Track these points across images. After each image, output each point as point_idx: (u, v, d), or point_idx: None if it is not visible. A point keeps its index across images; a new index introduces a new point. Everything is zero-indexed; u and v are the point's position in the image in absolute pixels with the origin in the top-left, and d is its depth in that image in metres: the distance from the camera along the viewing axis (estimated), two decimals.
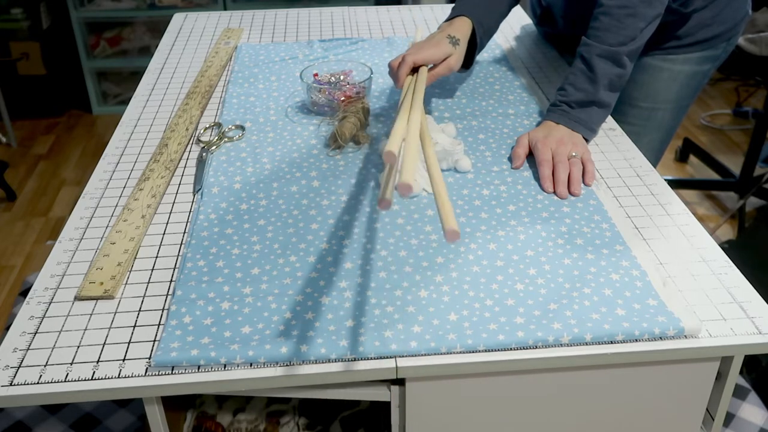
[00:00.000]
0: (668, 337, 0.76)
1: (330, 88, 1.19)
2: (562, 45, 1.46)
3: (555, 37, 1.49)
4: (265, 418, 1.00)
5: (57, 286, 0.83)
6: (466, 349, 0.74)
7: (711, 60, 1.29)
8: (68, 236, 0.92)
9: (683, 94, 1.31)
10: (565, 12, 1.33)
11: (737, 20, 1.26)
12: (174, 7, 2.95)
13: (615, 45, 1.06)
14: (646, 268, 0.84)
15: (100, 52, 3.08)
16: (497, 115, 1.19)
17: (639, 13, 1.05)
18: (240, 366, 0.72)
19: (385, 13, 1.68)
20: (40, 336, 0.76)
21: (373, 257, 0.86)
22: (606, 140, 1.14)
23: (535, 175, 1.03)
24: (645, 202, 0.98)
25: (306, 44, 1.49)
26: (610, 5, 1.06)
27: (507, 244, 0.88)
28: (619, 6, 1.05)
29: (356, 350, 0.73)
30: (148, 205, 0.96)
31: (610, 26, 1.06)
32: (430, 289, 0.81)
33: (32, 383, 0.70)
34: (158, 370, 0.71)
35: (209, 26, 1.60)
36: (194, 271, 0.84)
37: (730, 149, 2.89)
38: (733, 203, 2.51)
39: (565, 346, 0.75)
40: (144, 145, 1.12)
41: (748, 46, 2.45)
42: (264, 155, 1.08)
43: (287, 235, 0.90)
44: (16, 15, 2.88)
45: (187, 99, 1.25)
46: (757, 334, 0.76)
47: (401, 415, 0.80)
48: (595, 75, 1.07)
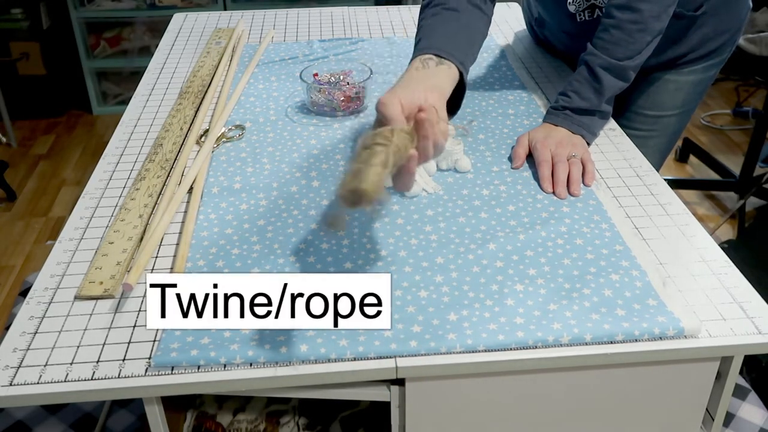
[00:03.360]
0: (668, 337, 0.76)
1: (330, 88, 1.19)
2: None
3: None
4: (265, 418, 1.00)
5: (57, 286, 0.83)
6: (466, 349, 0.74)
7: (716, 65, 1.29)
8: (68, 236, 0.92)
9: (690, 100, 1.31)
10: (567, 49, 1.33)
11: (740, 22, 1.25)
12: (174, 7, 2.95)
13: (622, 59, 1.05)
14: (646, 268, 0.84)
15: (100, 52, 3.08)
16: (497, 115, 1.19)
17: (648, 28, 1.05)
18: (240, 366, 0.72)
19: (385, 13, 1.68)
20: (40, 336, 0.76)
21: (373, 257, 0.86)
22: (606, 140, 1.14)
23: (535, 175, 1.03)
24: (645, 202, 0.98)
25: (306, 44, 1.49)
26: (623, 19, 1.05)
27: (507, 245, 0.88)
28: (631, 21, 1.04)
29: (356, 350, 0.73)
30: (145, 205, 0.96)
31: (620, 40, 1.05)
32: (430, 289, 0.81)
33: (32, 383, 0.70)
34: (158, 370, 0.71)
35: (209, 26, 1.60)
36: (194, 271, 0.84)
37: (730, 149, 2.89)
38: (733, 203, 2.51)
39: (565, 346, 0.75)
40: (144, 145, 1.12)
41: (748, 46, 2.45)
42: (264, 155, 1.08)
43: (287, 235, 0.90)
44: (16, 15, 2.88)
45: (180, 99, 1.25)
46: (757, 334, 0.76)
47: (401, 415, 0.80)
48: (601, 87, 1.06)
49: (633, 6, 1.04)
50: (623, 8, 1.05)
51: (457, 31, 1.04)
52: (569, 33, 1.29)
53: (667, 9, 1.05)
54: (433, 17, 1.07)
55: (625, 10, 1.04)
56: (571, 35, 1.29)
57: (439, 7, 1.09)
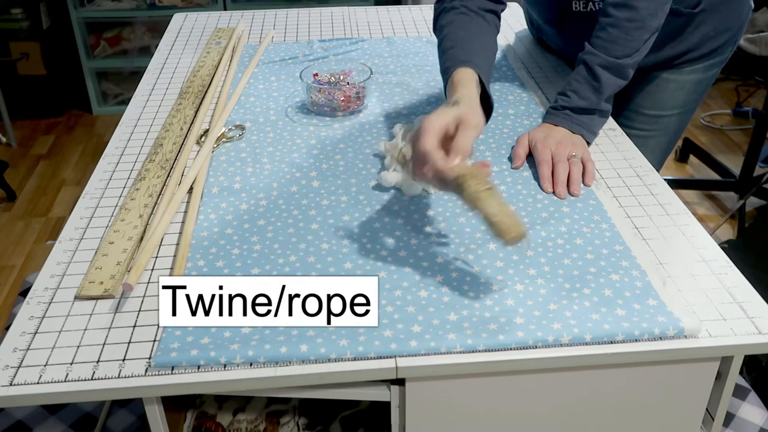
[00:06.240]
0: (668, 337, 0.76)
1: (330, 88, 1.19)
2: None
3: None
4: (265, 418, 1.00)
5: (57, 286, 0.83)
6: (466, 349, 0.74)
7: (718, 65, 1.28)
8: (68, 236, 0.92)
9: (690, 99, 1.31)
10: (563, 49, 1.33)
11: (741, 22, 1.25)
12: (174, 7, 2.95)
13: (621, 57, 1.05)
14: (646, 268, 0.84)
15: (100, 52, 3.08)
16: (497, 115, 1.19)
17: (646, 26, 1.05)
18: (240, 366, 0.72)
19: (385, 13, 1.68)
20: (40, 336, 0.76)
21: (373, 257, 0.86)
22: (606, 140, 1.14)
23: (535, 175, 1.03)
24: (645, 202, 0.98)
25: (306, 44, 1.49)
26: (620, 17, 1.05)
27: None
28: (628, 19, 1.04)
29: (356, 350, 0.73)
30: (145, 205, 0.96)
31: (617, 38, 1.05)
32: (430, 290, 0.81)
33: (32, 383, 0.70)
34: (158, 370, 0.71)
35: (209, 26, 1.60)
36: (194, 271, 0.84)
37: (730, 149, 2.89)
38: (733, 203, 2.51)
39: (565, 346, 0.75)
40: (144, 145, 1.12)
41: (748, 46, 2.45)
42: (264, 155, 1.08)
43: (287, 235, 0.90)
44: (16, 15, 2.88)
45: (180, 99, 1.25)
46: (757, 334, 0.76)
47: (401, 415, 0.80)
48: (600, 85, 1.06)
49: (630, 4, 1.04)
50: (620, 6, 1.05)
51: (487, 46, 1.11)
52: (563, 30, 1.29)
53: (663, 6, 1.06)
54: (461, 16, 1.11)
55: (622, 8, 1.04)
56: (566, 33, 1.29)
57: (456, 12, 1.12)
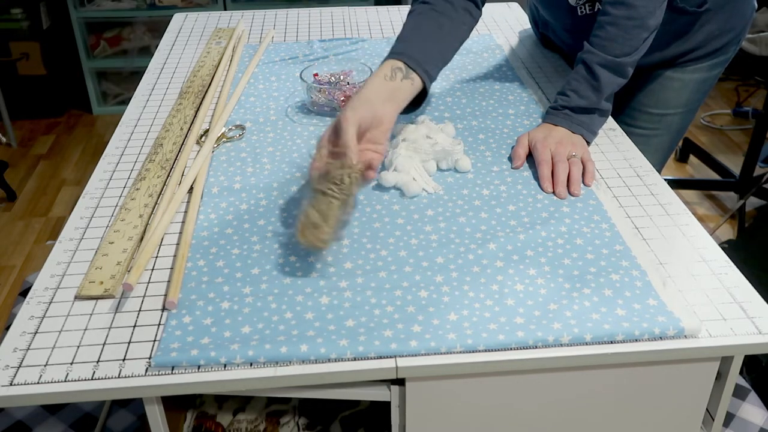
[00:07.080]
0: (668, 337, 0.76)
1: (330, 88, 1.19)
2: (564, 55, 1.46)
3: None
4: (265, 418, 1.00)
5: (57, 286, 0.83)
6: (466, 349, 0.74)
7: (721, 64, 1.28)
8: (68, 236, 0.92)
9: (694, 98, 1.30)
10: (570, 48, 1.33)
11: (745, 21, 1.25)
12: (174, 7, 2.95)
13: (620, 56, 1.05)
14: (646, 268, 0.84)
15: (100, 52, 3.08)
16: (497, 115, 1.19)
17: (644, 24, 1.05)
18: (240, 366, 0.72)
19: (385, 13, 1.68)
20: (40, 336, 0.76)
21: (373, 257, 0.86)
22: (606, 140, 1.14)
23: (535, 175, 1.03)
24: (645, 202, 0.98)
25: (306, 44, 1.49)
26: (618, 16, 1.05)
27: (507, 244, 0.88)
28: (627, 17, 1.04)
29: (356, 350, 0.73)
30: (145, 205, 0.96)
31: (616, 37, 1.05)
32: (430, 289, 0.81)
33: (32, 383, 0.70)
34: (158, 370, 0.71)
35: (209, 26, 1.60)
36: (194, 271, 0.84)
37: (730, 149, 2.89)
38: (733, 203, 2.51)
39: (565, 346, 0.75)
40: (144, 145, 1.12)
41: (748, 46, 2.45)
42: (264, 155, 1.08)
43: (287, 235, 0.90)
44: (16, 15, 2.88)
45: (180, 99, 1.25)
46: (757, 334, 0.76)
47: (401, 415, 0.80)
48: (599, 84, 1.06)
49: (627, 2, 1.04)
50: (618, 4, 1.05)
51: (437, 39, 1.10)
52: (571, 30, 1.29)
53: (661, 5, 1.06)
54: (419, 16, 1.13)
55: (620, 7, 1.04)
56: (574, 32, 1.29)
57: (428, 6, 1.13)
